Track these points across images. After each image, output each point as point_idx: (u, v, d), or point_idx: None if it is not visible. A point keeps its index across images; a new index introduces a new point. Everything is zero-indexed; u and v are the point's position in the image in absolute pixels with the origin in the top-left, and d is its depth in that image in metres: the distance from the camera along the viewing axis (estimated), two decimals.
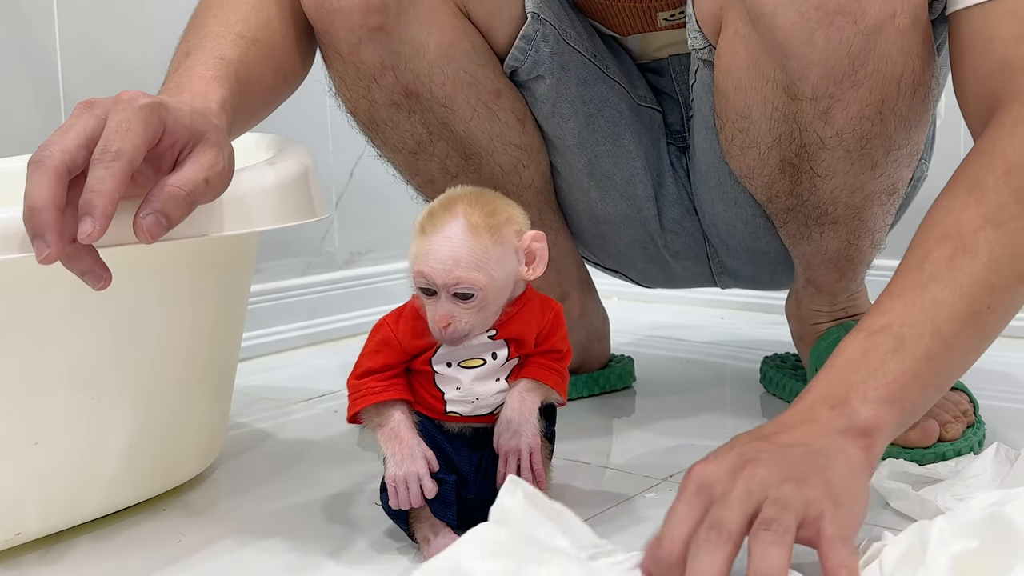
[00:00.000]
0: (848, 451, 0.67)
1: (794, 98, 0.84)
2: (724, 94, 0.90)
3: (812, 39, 0.79)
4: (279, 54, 0.90)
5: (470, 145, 1.01)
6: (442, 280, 0.70)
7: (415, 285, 0.71)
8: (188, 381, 0.89)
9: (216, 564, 0.78)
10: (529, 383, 0.76)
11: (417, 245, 0.71)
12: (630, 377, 1.25)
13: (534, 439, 0.75)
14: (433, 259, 0.69)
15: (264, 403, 1.24)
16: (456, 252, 0.69)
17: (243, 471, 0.99)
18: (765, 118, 0.88)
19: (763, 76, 0.85)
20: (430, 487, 0.73)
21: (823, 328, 1.09)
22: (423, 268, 0.70)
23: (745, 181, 0.96)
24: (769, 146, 0.90)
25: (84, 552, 0.81)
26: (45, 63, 1.28)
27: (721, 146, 0.96)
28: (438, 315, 0.70)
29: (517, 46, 0.98)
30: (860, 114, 0.83)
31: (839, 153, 0.86)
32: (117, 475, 0.84)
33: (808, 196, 0.93)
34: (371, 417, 0.75)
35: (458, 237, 0.69)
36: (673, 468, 0.94)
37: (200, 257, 0.87)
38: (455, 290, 0.70)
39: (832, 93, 0.82)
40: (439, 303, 0.70)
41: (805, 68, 0.81)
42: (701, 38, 0.91)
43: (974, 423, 0.97)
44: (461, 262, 0.69)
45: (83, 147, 0.65)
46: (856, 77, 0.81)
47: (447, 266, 0.69)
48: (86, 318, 0.78)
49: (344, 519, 0.85)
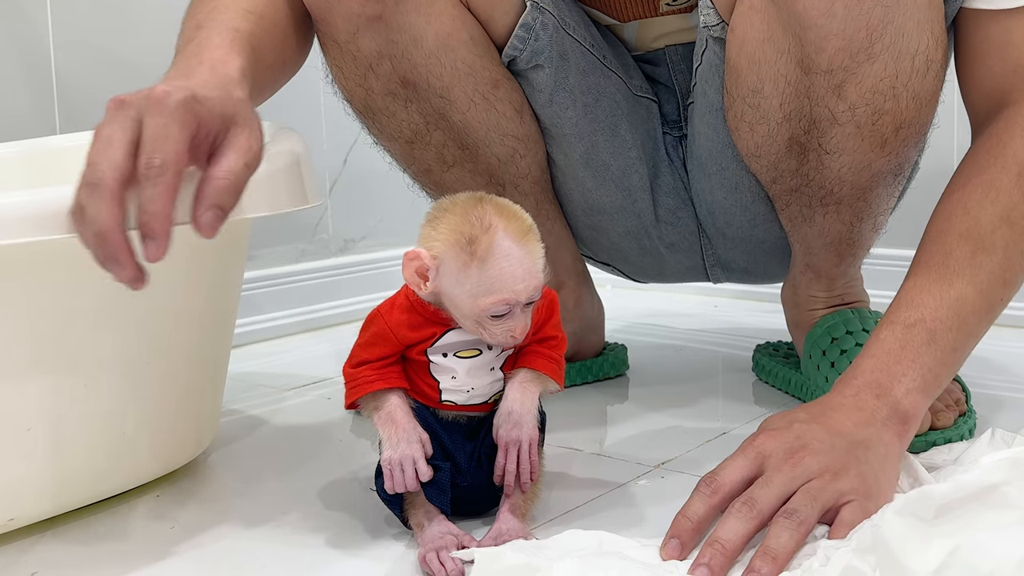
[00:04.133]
0: (887, 440, 0.75)
1: (808, 72, 0.84)
2: (736, 69, 0.90)
3: (832, 9, 0.80)
4: (281, 33, 0.90)
5: (467, 135, 1.01)
6: (527, 296, 0.70)
7: (491, 313, 0.70)
8: (181, 367, 0.89)
9: (210, 550, 0.78)
10: (529, 374, 0.76)
11: (483, 274, 0.69)
12: (624, 365, 1.25)
13: (534, 431, 0.75)
14: (518, 282, 0.69)
15: (258, 390, 1.24)
16: (527, 266, 0.70)
17: (237, 457, 1.00)
18: (777, 93, 0.88)
19: (778, 49, 0.85)
20: (425, 470, 0.73)
21: (819, 315, 1.10)
22: (510, 296, 0.69)
23: (751, 160, 0.96)
24: (779, 122, 0.90)
25: (77, 538, 0.81)
26: (37, 50, 1.28)
27: (729, 124, 0.96)
28: (519, 328, 0.71)
29: (516, 35, 0.97)
30: (874, 88, 0.84)
31: (850, 129, 0.87)
32: (110, 461, 0.84)
33: (814, 175, 0.93)
34: (367, 401, 0.75)
35: (519, 252, 0.70)
36: (666, 455, 0.94)
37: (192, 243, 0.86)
38: (532, 299, 0.71)
39: (847, 66, 0.83)
40: (516, 318, 0.71)
41: (823, 40, 0.81)
42: (714, 14, 0.91)
43: (965, 412, 0.97)
44: (534, 272, 0.70)
45: (129, 156, 0.66)
46: (873, 50, 0.81)
47: (531, 283, 0.70)
48: (78, 304, 0.78)
49: (338, 505, 0.86)
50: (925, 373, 0.78)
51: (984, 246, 0.80)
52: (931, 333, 0.78)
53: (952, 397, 0.97)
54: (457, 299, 0.71)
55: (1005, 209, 0.81)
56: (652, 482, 0.88)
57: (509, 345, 0.73)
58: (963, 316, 0.79)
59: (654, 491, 0.86)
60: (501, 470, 0.75)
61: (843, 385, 0.78)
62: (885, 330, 0.80)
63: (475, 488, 0.77)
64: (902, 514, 0.61)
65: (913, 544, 0.60)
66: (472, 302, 0.70)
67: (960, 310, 0.79)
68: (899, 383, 0.77)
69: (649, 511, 0.81)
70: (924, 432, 0.92)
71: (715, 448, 0.96)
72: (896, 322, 0.80)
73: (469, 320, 0.71)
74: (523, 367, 0.76)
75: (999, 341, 1.33)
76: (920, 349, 0.78)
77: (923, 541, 0.60)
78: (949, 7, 0.85)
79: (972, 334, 0.81)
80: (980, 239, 0.80)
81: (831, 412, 0.76)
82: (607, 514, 0.81)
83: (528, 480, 0.76)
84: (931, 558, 0.59)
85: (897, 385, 0.77)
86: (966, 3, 0.86)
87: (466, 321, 0.72)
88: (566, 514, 0.81)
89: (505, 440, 0.75)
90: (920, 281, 0.81)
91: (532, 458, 0.75)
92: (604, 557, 0.66)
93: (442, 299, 0.72)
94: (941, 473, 0.80)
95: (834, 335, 1.05)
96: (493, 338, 0.72)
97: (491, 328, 0.71)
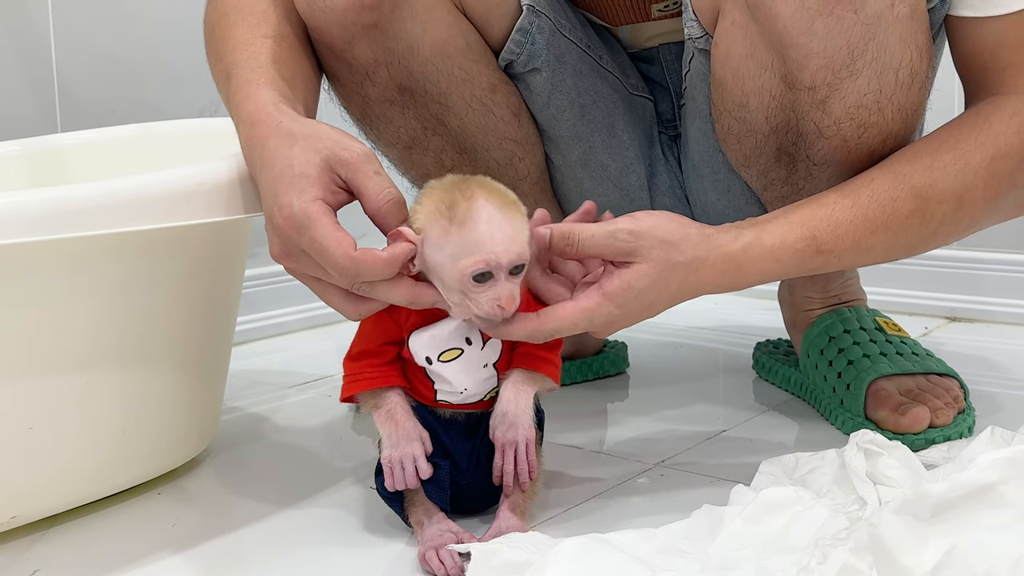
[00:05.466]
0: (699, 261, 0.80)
1: (792, 87, 0.84)
2: (721, 83, 0.89)
3: (812, 28, 0.79)
4: (306, 44, 0.92)
5: (465, 140, 1.01)
6: (508, 259, 0.70)
7: (471, 274, 0.70)
8: (181, 365, 0.89)
9: (210, 547, 0.79)
10: (523, 374, 0.76)
11: (463, 236, 0.70)
12: (623, 363, 1.25)
13: (530, 431, 0.75)
14: (495, 243, 0.70)
15: (259, 387, 1.24)
16: (507, 230, 0.70)
17: (238, 455, 1.00)
18: (762, 107, 0.88)
19: (761, 65, 0.85)
20: (425, 468, 0.73)
21: (816, 314, 1.10)
22: (489, 256, 0.69)
23: (741, 170, 0.96)
24: (766, 135, 0.90)
25: (79, 536, 0.82)
26: (39, 48, 1.28)
27: (717, 135, 0.96)
28: (504, 295, 0.70)
29: (513, 39, 0.97)
30: (858, 103, 0.84)
31: (836, 142, 0.86)
32: (111, 459, 0.85)
33: (804, 184, 0.93)
34: (367, 399, 0.76)
35: (500, 216, 0.70)
36: (665, 453, 0.94)
37: (193, 242, 0.87)
38: (515, 264, 0.71)
39: (830, 83, 0.82)
40: (500, 284, 0.70)
41: (804, 58, 0.81)
42: (698, 27, 0.90)
43: (964, 409, 0.97)
44: (515, 238, 0.71)
45: (338, 291, 0.74)
46: (855, 67, 0.81)
47: (509, 245, 0.70)
48: (79, 302, 0.78)
49: (339, 503, 0.86)
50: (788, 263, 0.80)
51: (924, 213, 0.82)
52: (824, 256, 0.81)
53: (951, 394, 0.97)
54: (440, 267, 0.71)
55: (963, 187, 0.82)
56: (652, 480, 0.88)
57: (498, 316, 0.71)
58: (859, 251, 0.81)
59: (654, 488, 0.86)
60: (499, 471, 0.75)
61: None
62: (787, 234, 0.80)
63: (474, 486, 0.78)
64: (899, 513, 0.61)
65: (910, 543, 0.60)
66: (453, 266, 0.70)
67: (861, 253, 0.81)
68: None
69: (648, 508, 0.82)
70: (923, 430, 0.93)
71: (715, 446, 0.97)
72: (799, 224, 0.81)
73: (455, 293, 0.71)
74: (518, 367, 0.76)
75: (998, 339, 1.33)
76: (801, 261, 0.80)
77: (920, 540, 0.60)
78: (935, 16, 0.85)
79: (854, 258, 0.83)
80: (926, 203, 0.81)
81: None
82: (606, 511, 0.81)
83: (527, 479, 0.76)
84: (928, 557, 0.59)
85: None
86: (952, 11, 0.85)
87: (452, 295, 0.71)
88: (565, 512, 0.82)
89: (502, 441, 0.75)
90: (852, 213, 0.81)
91: (530, 458, 0.75)
92: (600, 551, 0.66)
93: (429, 275, 0.72)
94: (939, 471, 0.80)
95: (831, 334, 1.06)
96: (479, 309, 0.71)
97: (476, 297, 0.71)
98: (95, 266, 0.79)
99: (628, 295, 0.75)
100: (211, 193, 0.80)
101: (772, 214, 0.83)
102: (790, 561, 0.65)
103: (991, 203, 0.84)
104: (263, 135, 0.76)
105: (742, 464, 0.88)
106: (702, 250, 0.78)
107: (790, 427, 1.03)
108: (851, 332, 1.05)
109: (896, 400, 0.96)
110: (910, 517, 0.61)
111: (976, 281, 1.45)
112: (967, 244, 1.44)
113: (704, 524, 0.72)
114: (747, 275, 0.80)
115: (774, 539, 0.69)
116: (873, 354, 1.01)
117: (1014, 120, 0.83)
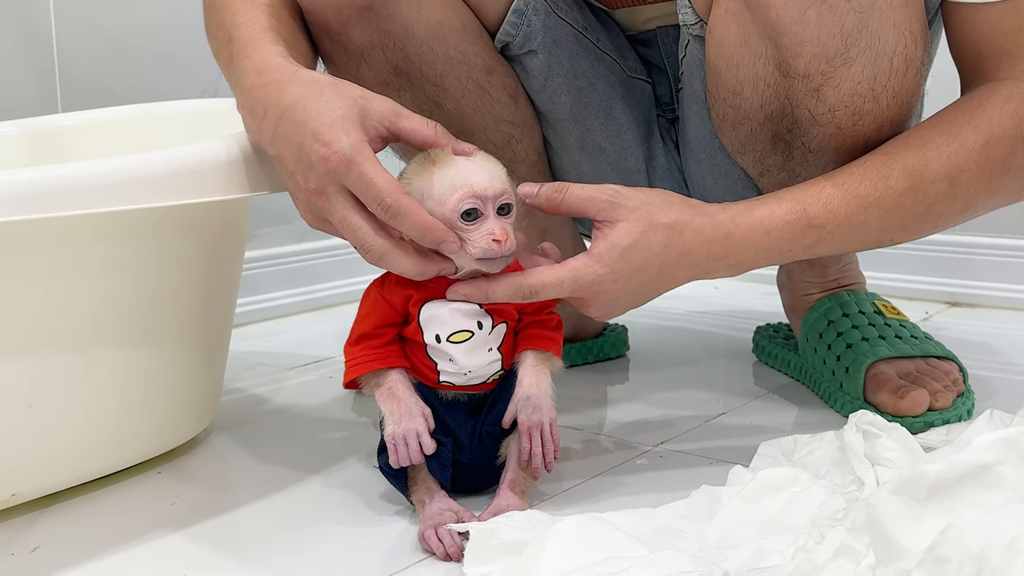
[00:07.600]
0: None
1: (786, 75, 0.84)
2: (716, 71, 0.89)
3: (804, 16, 0.79)
4: (303, 27, 0.92)
5: (462, 122, 1.01)
6: (492, 192, 0.72)
7: (460, 210, 0.71)
8: (182, 346, 0.89)
9: (210, 526, 0.79)
10: (539, 355, 0.77)
11: (445, 175, 0.72)
12: (624, 346, 1.25)
13: (552, 412, 0.76)
14: (478, 176, 0.72)
15: (260, 368, 1.24)
16: (487, 166, 0.73)
17: (238, 435, 1.00)
18: (757, 95, 0.88)
19: (755, 53, 0.85)
20: (428, 443, 0.74)
21: (814, 299, 1.10)
22: (475, 187, 0.71)
23: (737, 156, 0.96)
24: (761, 122, 0.90)
25: (79, 514, 0.82)
26: (39, 28, 1.28)
27: (713, 122, 0.95)
28: (497, 229, 0.72)
29: (508, 20, 0.97)
30: (852, 91, 0.83)
31: (831, 130, 0.86)
32: (112, 438, 0.85)
33: (801, 171, 0.93)
34: (368, 379, 0.76)
35: (481, 159, 0.74)
36: (664, 436, 0.94)
37: (193, 222, 0.87)
38: (501, 201, 0.72)
39: (824, 71, 0.82)
40: (489, 221, 0.72)
41: (797, 46, 0.81)
42: (692, 14, 0.90)
43: (964, 392, 0.97)
44: (498, 176, 0.73)
45: (370, 219, 0.73)
46: (848, 55, 0.81)
47: (491, 179, 0.72)
48: (80, 282, 0.78)
49: (340, 482, 0.86)
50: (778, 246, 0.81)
51: (917, 192, 0.82)
52: (816, 231, 0.81)
53: (950, 378, 0.97)
54: (432, 216, 0.72)
55: (956, 168, 0.82)
56: (651, 461, 0.88)
57: (496, 252, 0.72)
58: (851, 232, 0.82)
59: (652, 469, 0.86)
60: (527, 454, 0.76)
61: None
62: (776, 207, 0.81)
63: (476, 465, 0.78)
64: (896, 493, 0.62)
65: (906, 523, 0.60)
66: (442, 208, 0.72)
67: (852, 232, 0.82)
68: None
69: (647, 489, 0.82)
70: (922, 413, 0.93)
71: (714, 429, 0.97)
72: (789, 199, 0.81)
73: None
74: (529, 349, 0.77)
75: (998, 324, 1.33)
76: (793, 235, 0.81)
77: (916, 520, 0.60)
78: (930, 2, 0.85)
79: (845, 246, 0.84)
80: (919, 182, 0.82)
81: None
82: (606, 493, 0.82)
83: (553, 460, 0.76)
84: (924, 537, 0.59)
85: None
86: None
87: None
88: (565, 492, 0.82)
89: (528, 424, 0.76)
90: (843, 190, 0.82)
91: (555, 438, 0.76)
92: (598, 530, 0.66)
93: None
94: (937, 453, 0.80)
95: (830, 318, 1.06)
96: (476, 248, 0.72)
97: (470, 236, 0.72)
98: (96, 245, 0.79)
99: (612, 254, 0.76)
100: (211, 172, 0.80)
101: (763, 196, 0.83)
102: (787, 541, 0.66)
103: (984, 186, 0.84)
104: (278, 81, 0.77)
105: (741, 446, 0.88)
106: (686, 214, 0.79)
107: (789, 410, 1.03)
108: (850, 316, 1.05)
109: (895, 383, 0.96)
110: (907, 497, 0.61)
111: (977, 266, 1.45)
112: (968, 229, 1.44)
113: (702, 504, 0.73)
114: (737, 245, 0.80)
115: (772, 519, 0.70)
116: (872, 337, 1.01)
117: (1008, 105, 0.83)
